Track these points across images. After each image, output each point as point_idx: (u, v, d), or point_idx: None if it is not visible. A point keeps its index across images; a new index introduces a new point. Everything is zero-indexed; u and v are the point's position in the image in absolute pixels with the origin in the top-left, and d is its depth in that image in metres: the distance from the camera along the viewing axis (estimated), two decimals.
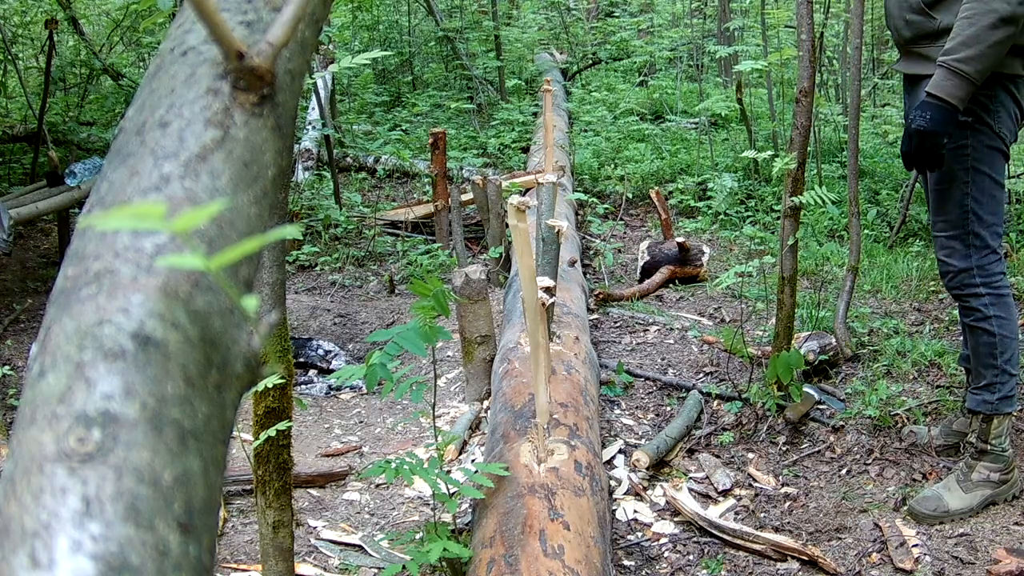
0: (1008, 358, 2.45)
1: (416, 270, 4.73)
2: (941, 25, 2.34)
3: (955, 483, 2.52)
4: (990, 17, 2.21)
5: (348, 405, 3.45)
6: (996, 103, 2.35)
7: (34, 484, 0.45)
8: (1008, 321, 2.44)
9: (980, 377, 2.48)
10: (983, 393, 2.48)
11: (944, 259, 2.47)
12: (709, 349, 3.54)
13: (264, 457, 1.68)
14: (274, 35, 0.61)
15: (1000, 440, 2.49)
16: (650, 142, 6.58)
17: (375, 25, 8.90)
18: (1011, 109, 2.38)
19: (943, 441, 2.74)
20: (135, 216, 0.47)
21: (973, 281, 2.42)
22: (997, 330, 2.43)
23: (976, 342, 2.47)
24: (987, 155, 2.38)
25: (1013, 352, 2.46)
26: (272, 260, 1.57)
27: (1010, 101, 2.37)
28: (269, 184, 0.62)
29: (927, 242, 4.69)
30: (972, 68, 2.24)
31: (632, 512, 2.50)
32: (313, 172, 6.34)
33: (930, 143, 2.29)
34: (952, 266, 2.44)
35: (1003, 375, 2.46)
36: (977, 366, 2.49)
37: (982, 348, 2.46)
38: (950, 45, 2.26)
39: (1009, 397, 2.48)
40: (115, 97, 7.51)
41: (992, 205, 2.40)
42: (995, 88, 2.33)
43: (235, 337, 0.55)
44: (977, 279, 2.42)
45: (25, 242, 5.54)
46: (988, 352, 2.45)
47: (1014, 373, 2.48)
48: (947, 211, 2.42)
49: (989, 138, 2.36)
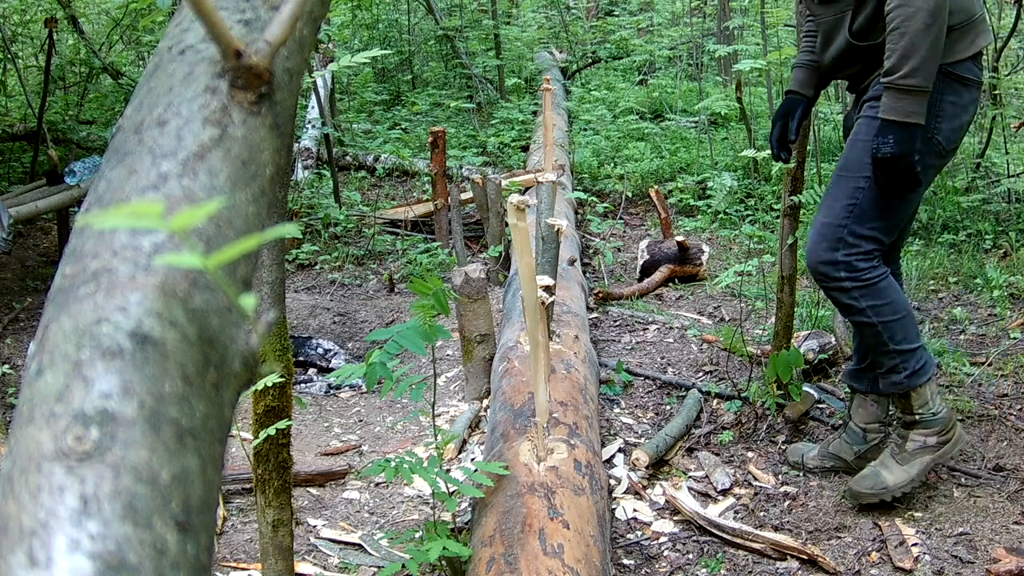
0: (902, 337, 2.34)
1: (416, 269, 4.73)
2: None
3: (889, 458, 2.46)
4: (918, 19, 2.09)
5: (348, 404, 3.45)
6: (937, 100, 2.21)
7: (32, 483, 0.45)
8: (887, 304, 2.31)
9: (881, 365, 2.40)
10: (891, 376, 2.40)
11: (812, 242, 2.36)
12: (709, 348, 3.54)
13: (263, 456, 1.68)
14: (272, 33, 0.61)
15: (927, 407, 2.40)
16: (650, 141, 6.58)
17: (375, 24, 8.89)
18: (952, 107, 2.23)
19: (819, 463, 2.64)
20: (133, 215, 0.47)
21: (837, 275, 2.31)
22: (876, 319, 2.32)
23: (862, 335, 2.39)
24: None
25: (905, 329, 2.34)
26: (271, 259, 1.57)
27: (951, 93, 2.23)
28: (267, 183, 0.62)
29: (927, 241, 4.69)
30: (919, 79, 2.13)
31: (632, 511, 2.50)
32: (313, 171, 6.34)
33: (902, 166, 2.20)
34: (818, 254, 2.33)
35: (904, 355, 2.35)
36: (874, 356, 2.41)
37: (870, 340, 2.37)
38: (890, 64, 2.15)
39: (918, 370, 2.37)
40: (115, 96, 7.51)
41: (883, 213, 2.28)
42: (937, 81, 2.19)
43: (233, 336, 0.55)
44: (842, 273, 2.31)
45: (25, 240, 5.53)
46: (877, 340, 2.35)
47: (915, 346, 2.36)
48: (836, 197, 2.31)
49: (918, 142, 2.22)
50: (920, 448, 2.43)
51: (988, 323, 3.68)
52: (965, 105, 2.26)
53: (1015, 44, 6.42)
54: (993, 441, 2.76)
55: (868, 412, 2.55)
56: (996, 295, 3.88)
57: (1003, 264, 4.24)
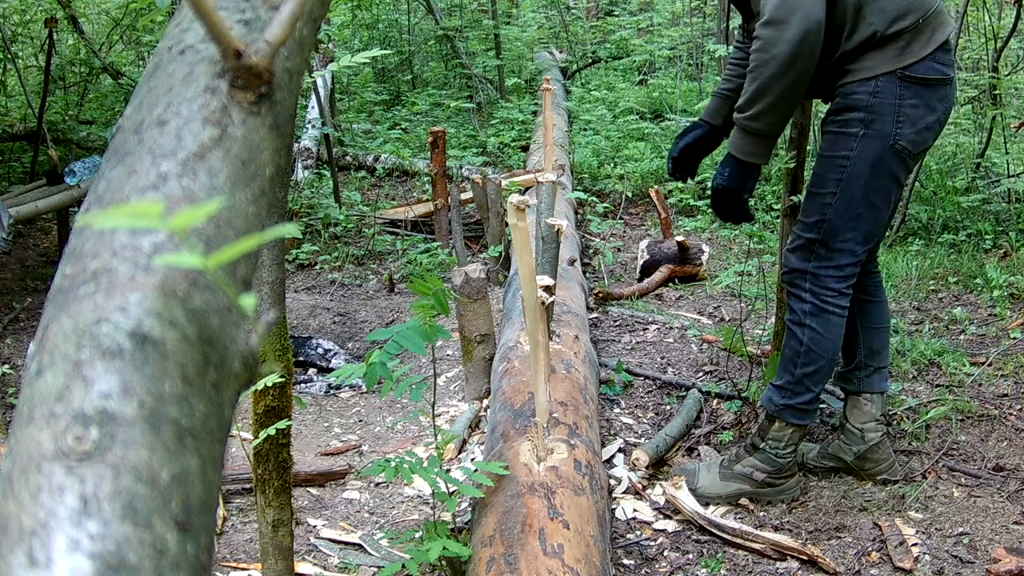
0: (809, 372, 2.36)
1: (416, 269, 4.73)
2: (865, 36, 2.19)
3: (717, 466, 2.51)
4: (770, 67, 2.10)
5: (348, 404, 3.45)
6: (896, 106, 2.19)
7: (32, 483, 0.45)
8: (822, 338, 2.33)
9: (779, 376, 2.42)
10: (774, 392, 2.43)
11: (787, 250, 2.40)
12: (709, 348, 3.54)
13: (264, 456, 1.68)
14: (272, 33, 0.61)
15: (777, 444, 2.43)
16: (650, 141, 6.58)
17: (375, 24, 8.89)
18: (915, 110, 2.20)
19: (818, 463, 2.63)
20: (133, 215, 0.47)
21: (803, 284, 2.34)
22: (806, 341, 2.34)
23: (786, 342, 2.42)
24: (870, 169, 2.23)
25: (818, 369, 2.36)
26: (271, 259, 1.57)
27: (911, 96, 2.20)
28: (267, 182, 0.62)
29: (927, 241, 4.69)
30: (762, 124, 2.16)
31: (632, 511, 2.50)
32: (313, 171, 6.34)
33: (730, 199, 2.25)
34: (790, 261, 2.38)
35: (799, 386, 2.38)
36: (781, 364, 2.43)
37: (788, 350, 2.40)
38: (740, 101, 2.18)
39: (801, 410, 2.40)
40: (115, 96, 7.51)
41: (851, 226, 2.28)
42: (894, 87, 2.19)
43: (233, 336, 0.55)
44: (807, 284, 2.33)
45: (25, 240, 5.54)
46: (791, 357, 2.38)
47: (813, 390, 2.38)
48: (808, 212, 2.34)
49: (880, 147, 2.21)
50: (745, 476, 2.48)
51: (988, 323, 3.68)
52: (931, 105, 2.23)
53: (1015, 44, 6.41)
54: (993, 441, 2.76)
55: (863, 412, 2.56)
56: (996, 295, 3.88)
57: (1003, 264, 4.24)
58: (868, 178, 2.24)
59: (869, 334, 2.54)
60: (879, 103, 2.19)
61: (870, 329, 2.55)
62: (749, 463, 2.47)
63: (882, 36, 2.18)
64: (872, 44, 2.19)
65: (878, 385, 2.55)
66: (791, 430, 2.43)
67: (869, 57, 2.20)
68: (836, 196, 2.26)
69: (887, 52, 2.18)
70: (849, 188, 2.25)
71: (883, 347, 2.56)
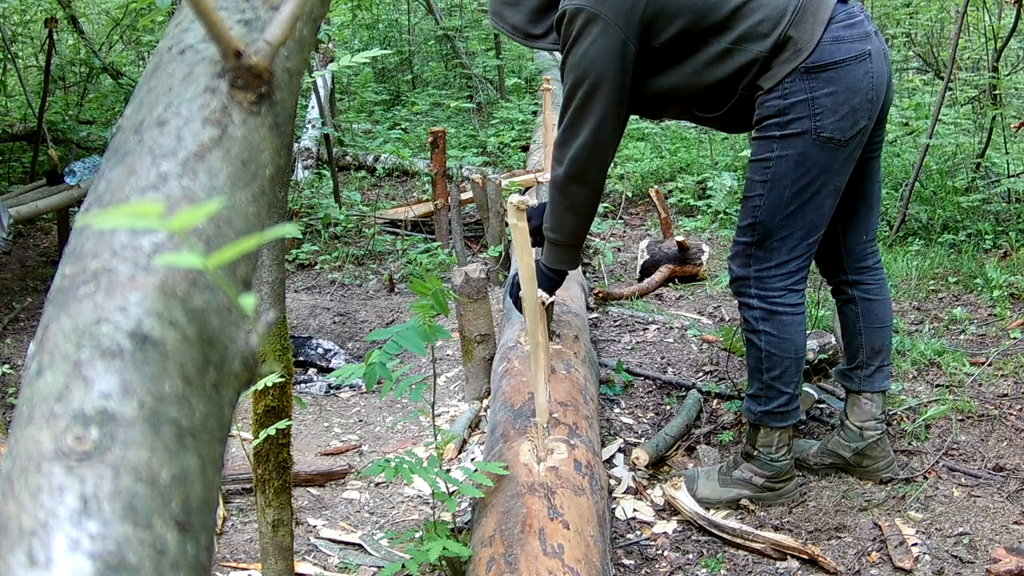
0: (777, 375, 2.36)
1: (415, 269, 4.73)
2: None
3: (716, 473, 2.53)
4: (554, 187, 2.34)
5: (347, 404, 3.45)
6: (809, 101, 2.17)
7: (32, 483, 0.45)
8: (780, 340, 2.34)
9: (750, 385, 2.44)
10: (750, 402, 2.45)
11: (728, 259, 2.43)
12: (709, 348, 3.54)
13: (264, 456, 1.68)
14: (272, 33, 0.61)
15: (768, 449, 2.44)
16: (650, 141, 6.58)
17: (375, 24, 8.90)
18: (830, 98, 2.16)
19: (818, 460, 2.63)
20: (133, 215, 0.47)
21: (748, 291, 2.35)
22: (764, 346, 2.35)
23: (747, 351, 2.43)
24: (794, 168, 2.21)
25: (785, 370, 2.36)
26: (271, 258, 1.57)
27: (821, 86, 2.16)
28: (267, 182, 0.62)
29: (926, 241, 4.69)
30: (558, 236, 2.38)
31: (632, 511, 2.50)
32: (313, 171, 6.34)
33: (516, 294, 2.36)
34: (732, 270, 2.39)
35: (770, 391, 2.39)
36: (748, 373, 2.45)
37: (751, 359, 2.41)
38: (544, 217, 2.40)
39: (780, 413, 2.41)
40: (115, 96, 7.51)
41: (791, 221, 2.26)
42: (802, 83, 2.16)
43: (233, 336, 0.55)
44: (752, 290, 2.33)
45: (25, 241, 5.54)
46: (755, 365, 2.39)
47: (786, 391, 2.39)
48: (741, 218, 2.34)
49: (802, 144, 2.19)
50: (744, 480, 2.49)
51: (988, 323, 3.68)
52: (853, 86, 2.17)
53: (1015, 44, 6.42)
54: (993, 441, 2.76)
55: (863, 410, 2.56)
56: (996, 295, 3.88)
57: (1003, 264, 4.23)
58: (794, 176, 2.22)
59: (871, 333, 2.54)
60: (792, 103, 2.18)
61: (872, 328, 2.55)
62: (747, 468, 2.49)
63: (768, 51, 2.17)
64: (764, 66, 2.19)
65: (879, 384, 2.56)
66: (777, 433, 2.45)
67: (769, 69, 2.20)
68: (764, 197, 2.27)
69: (782, 56, 2.17)
70: (776, 188, 2.25)
71: (885, 346, 2.56)
